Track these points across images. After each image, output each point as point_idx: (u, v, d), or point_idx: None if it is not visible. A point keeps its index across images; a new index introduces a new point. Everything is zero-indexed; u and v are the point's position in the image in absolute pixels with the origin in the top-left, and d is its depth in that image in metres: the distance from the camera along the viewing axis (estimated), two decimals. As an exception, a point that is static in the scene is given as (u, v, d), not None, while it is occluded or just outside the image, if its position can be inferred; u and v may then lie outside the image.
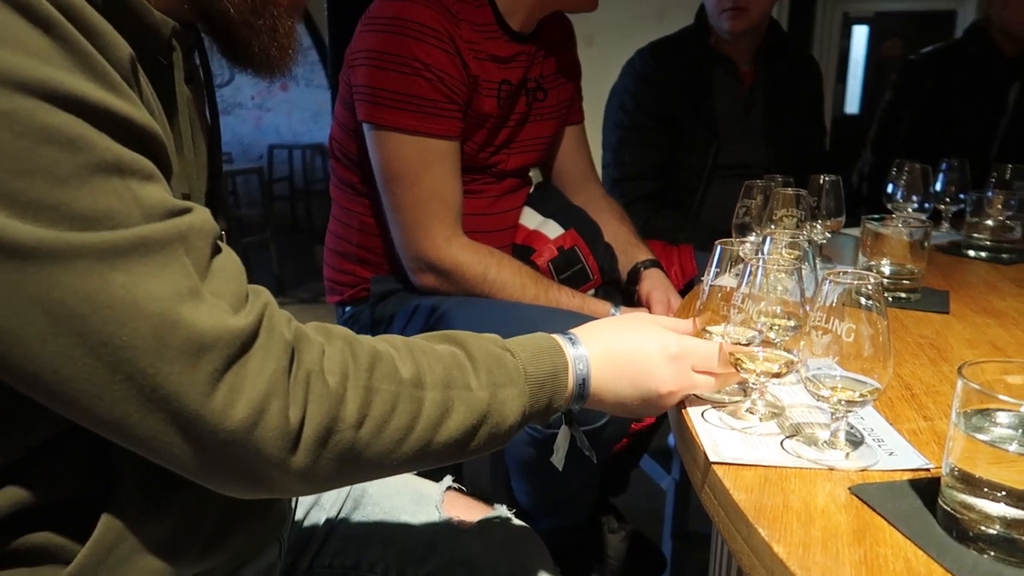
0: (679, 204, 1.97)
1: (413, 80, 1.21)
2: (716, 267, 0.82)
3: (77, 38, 0.49)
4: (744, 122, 1.99)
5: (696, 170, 1.95)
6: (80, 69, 0.48)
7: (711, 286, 0.81)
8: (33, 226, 0.46)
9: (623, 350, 0.74)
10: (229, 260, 0.57)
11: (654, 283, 1.43)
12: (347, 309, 1.45)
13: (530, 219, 1.47)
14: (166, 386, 0.49)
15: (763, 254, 0.84)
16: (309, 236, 6.04)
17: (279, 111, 6.53)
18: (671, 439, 1.94)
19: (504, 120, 1.38)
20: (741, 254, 1.19)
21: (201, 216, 0.55)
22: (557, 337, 0.73)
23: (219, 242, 0.57)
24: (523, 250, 1.43)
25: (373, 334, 1.34)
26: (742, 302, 0.73)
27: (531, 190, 1.53)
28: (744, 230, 1.25)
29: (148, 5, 0.60)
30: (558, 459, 0.81)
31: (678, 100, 1.93)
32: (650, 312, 1.36)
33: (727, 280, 1.28)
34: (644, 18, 5.89)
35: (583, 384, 0.72)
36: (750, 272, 0.74)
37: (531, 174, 1.56)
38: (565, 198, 1.54)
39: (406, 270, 1.32)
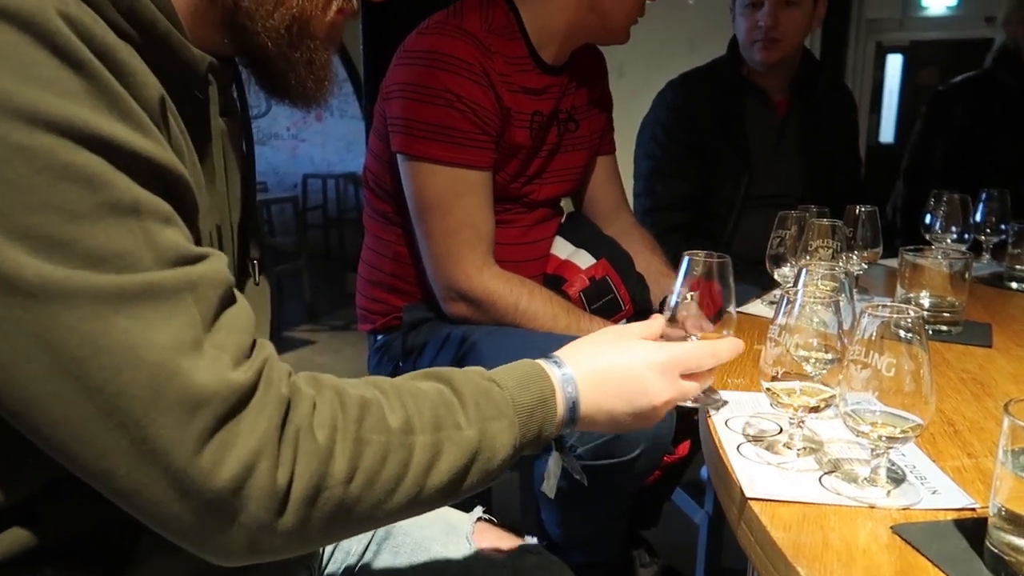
0: (710, 234, 1.95)
1: (447, 112, 1.23)
2: (684, 278, 0.84)
3: (107, 78, 0.49)
4: (777, 152, 1.98)
5: (728, 200, 1.94)
6: (107, 108, 0.49)
7: (678, 299, 0.85)
8: (43, 262, 0.46)
9: (611, 367, 0.73)
10: (239, 312, 0.56)
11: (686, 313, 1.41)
12: (379, 337, 1.46)
13: (562, 249, 1.47)
14: (156, 439, 0.48)
15: (799, 286, 0.83)
16: (341, 264, 6.10)
17: (314, 141, 6.64)
18: (704, 472, 1.91)
19: (536, 150, 1.39)
20: (779, 280, 1.18)
21: (215, 265, 0.55)
22: (542, 362, 0.72)
23: (234, 290, 0.57)
24: (555, 280, 1.43)
25: (404, 363, 1.36)
26: (779, 335, 0.72)
27: (562, 220, 1.53)
28: (778, 261, 1.24)
29: (185, 41, 0.62)
30: (549, 487, 0.80)
31: (710, 131, 1.93)
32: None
33: (759, 309, 1.27)
34: (674, 49, 5.93)
35: (573, 407, 0.70)
36: (787, 304, 0.73)
37: (562, 204, 1.57)
38: (596, 228, 1.54)
39: (438, 299, 1.32)
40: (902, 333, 0.63)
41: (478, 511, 0.91)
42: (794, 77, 1.97)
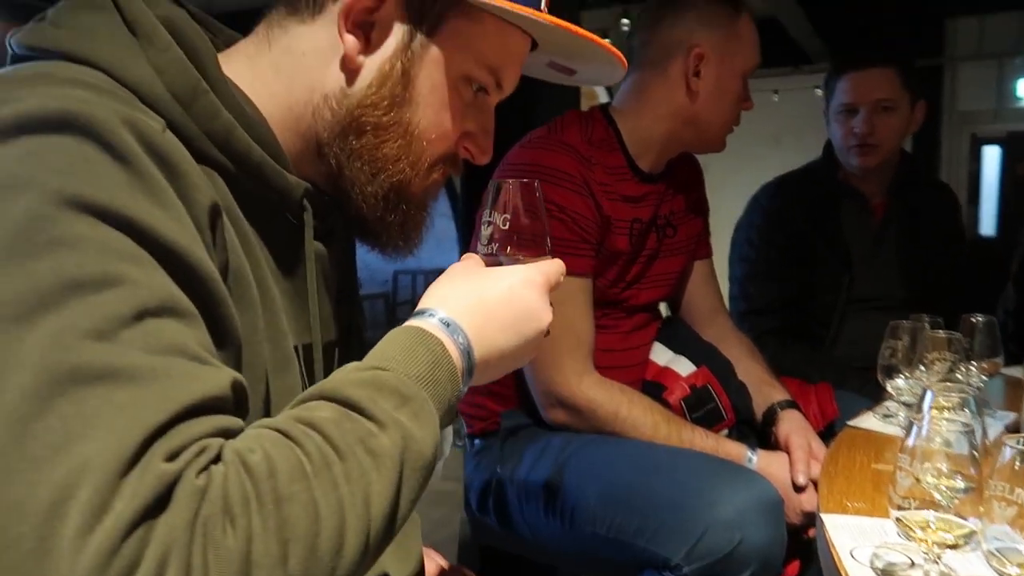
0: (810, 339, 1.90)
1: (549, 222, 1.26)
2: (490, 205, 0.73)
3: (153, 171, 0.52)
4: (877, 254, 1.93)
5: (828, 304, 1.89)
6: (143, 194, 0.51)
7: (488, 223, 0.73)
8: (22, 326, 0.45)
9: (490, 298, 0.65)
10: (203, 377, 0.50)
11: (792, 426, 1.36)
12: (476, 442, 1.46)
13: (660, 355, 1.46)
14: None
15: (925, 409, 0.80)
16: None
17: (405, 238, 6.90)
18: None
19: (635, 256, 1.40)
20: (892, 392, 1.13)
21: (220, 373, 0.51)
22: (414, 320, 0.62)
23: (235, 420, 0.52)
24: (654, 387, 1.42)
25: (502, 471, 1.35)
26: (909, 464, 0.69)
27: (660, 325, 1.53)
28: (891, 372, 1.20)
29: (280, 169, 0.66)
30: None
31: (807, 234, 1.91)
32: (790, 458, 1.30)
33: (873, 423, 1.21)
34: (760, 144, 5.94)
35: (468, 356, 0.62)
36: (916, 432, 0.70)
37: (660, 308, 1.57)
38: (695, 333, 1.53)
39: (538, 406, 1.32)
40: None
41: None
42: (892, 179, 1.94)
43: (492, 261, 0.72)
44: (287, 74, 0.68)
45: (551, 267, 0.72)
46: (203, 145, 0.60)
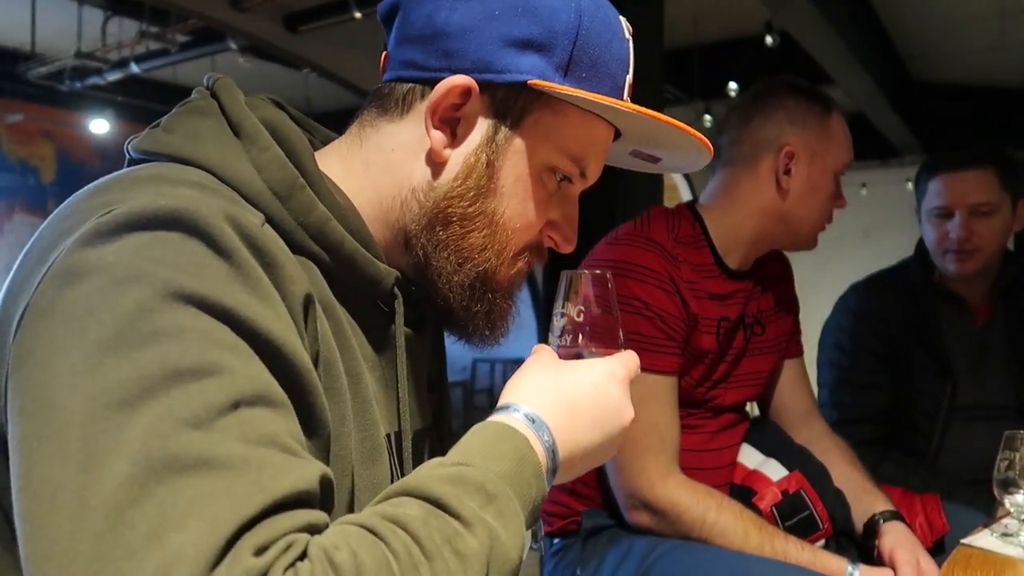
0: (911, 450, 1.77)
1: (634, 318, 1.25)
2: (563, 296, 0.72)
3: (252, 266, 0.54)
4: (981, 360, 1.80)
5: (929, 413, 1.76)
6: (245, 290, 0.53)
7: (561, 315, 0.71)
8: (119, 412, 0.46)
9: (575, 393, 0.64)
10: (295, 471, 0.51)
11: (898, 539, 1.27)
12: (556, 541, 1.42)
13: (750, 457, 1.40)
14: None
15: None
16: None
17: (484, 327, 6.97)
18: None
19: (722, 355, 1.37)
20: (1010, 508, 1.05)
21: (309, 465, 0.51)
22: (498, 416, 0.61)
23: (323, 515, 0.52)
24: (743, 491, 1.35)
25: (582, 573, 1.30)
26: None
27: (749, 426, 1.47)
28: (1008, 486, 1.11)
29: (371, 258, 0.68)
30: None
31: (902, 338, 1.79)
32: (896, 574, 1.20)
33: (990, 543, 1.12)
34: (848, 238, 5.82)
35: (553, 454, 0.61)
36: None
37: (748, 409, 1.51)
38: (787, 435, 1.46)
39: (620, 507, 1.28)
40: None
41: None
42: (995, 282, 1.81)
43: (567, 353, 0.71)
44: (377, 169, 0.71)
45: (630, 360, 0.71)
46: (299, 237, 0.63)
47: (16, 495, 0.48)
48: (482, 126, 0.69)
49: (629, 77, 0.73)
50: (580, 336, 0.71)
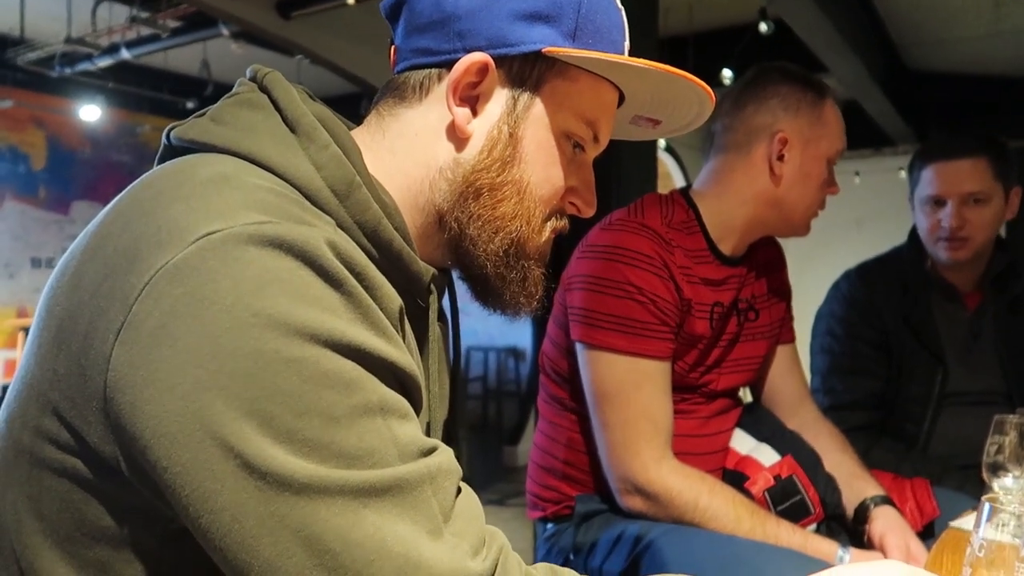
0: (902, 435, 1.79)
1: (627, 303, 1.25)
2: (986, 523, 0.71)
3: (360, 293, 0.56)
4: (972, 348, 1.81)
5: (920, 399, 1.78)
6: (361, 320, 0.55)
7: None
8: (305, 462, 0.51)
9: None
10: (470, 501, 0.59)
11: (888, 524, 1.28)
12: (548, 526, 1.43)
13: (742, 443, 1.40)
14: None
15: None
16: (498, 436, 6.14)
17: (478, 315, 6.88)
18: None
19: (716, 341, 1.37)
20: (999, 492, 1.06)
21: (447, 456, 0.58)
22: None
23: (461, 483, 0.59)
24: (735, 476, 1.36)
25: (575, 558, 1.31)
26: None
27: (742, 412, 1.47)
28: (997, 469, 1.12)
29: (414, 256, 0.69)
30: None
31: (894, 325, 1.80)
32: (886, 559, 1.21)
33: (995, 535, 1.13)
34: (841, 227, 5.82)
35: None
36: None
37: (740, 395, 1.52)
38: (779, 421, 1.47)
39: (613, 491, 1.29)
40: None
41: None
42: (986, 270, 1.82)
43: None
44: (403, 155, 0.72)
45: None
46: (356, 236, 0.64)
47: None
48: (501, 99, 0.72)
49: (627, 43, 0.76)
50: None
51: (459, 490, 0.58)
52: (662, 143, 5.46)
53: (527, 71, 0.71)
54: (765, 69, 1.39)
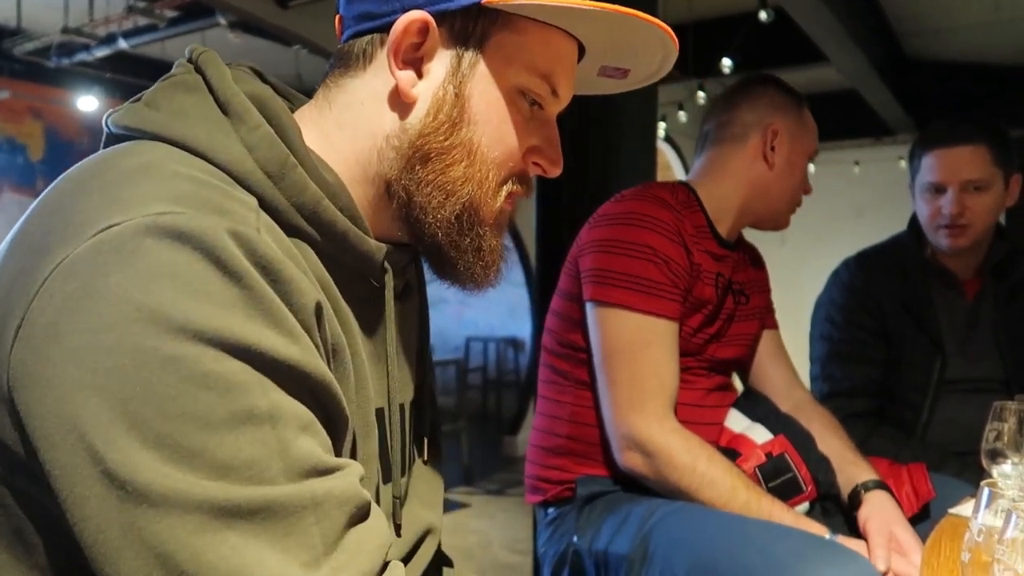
0: (901, 422, 1.79)
1: (643, 263, 1.29)
2: (985, 509, 0.72)
3: (263, 287, 0.52)
4: (971, 335, 1.81)
5: (919, 386, 1.78)
6: (261, 318, 0.51)
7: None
8: (171, 470, 0.47)
9: None
10: (369, 533, 0.54)
11: (873, 510, 1.28)
12: (550, 511, 1.43)
13: (736, 422, 1.43)
14: None
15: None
16: (498, 426, 6.17)
17: (479, 306, 6.97)
18: None
19: (718, 311, 1.42)
20: (997, 478, 1.06)
21: (346, 481, 0.53)
22: None
23: (370, 506, 0.55)
24: (728, 453, 1.36)
25: (579, 541, 1.32)
26: (1009, 557, 0.64)
27: (738, 397, 1.50)
28: (995, 456, 1.13)
29: (362, 235, 0.67)
30: None
31: (893, 312, 1.81)
32: (867, 545, 1.22)
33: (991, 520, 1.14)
34: (840, 217, 5.82)
35: None
36: (1015, 520, 0.65)
37: (736, 383, 1.55)
38: (773, 404, 1.50)
39: (614, 451, 1.30)
40: None
41: None
42: (985, 258, 1.82)
43: None
44: (350, 126, 0.70)
45: None
46: (292, 218, 0.62)
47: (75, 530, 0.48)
48: (444, 59, 0.68)
49: None
50: None
51: (360, 519, 0.54)
52: (661, 132, 5.45)
53: (470, 26, 0.67)
54: (751, 77, 1.51)
